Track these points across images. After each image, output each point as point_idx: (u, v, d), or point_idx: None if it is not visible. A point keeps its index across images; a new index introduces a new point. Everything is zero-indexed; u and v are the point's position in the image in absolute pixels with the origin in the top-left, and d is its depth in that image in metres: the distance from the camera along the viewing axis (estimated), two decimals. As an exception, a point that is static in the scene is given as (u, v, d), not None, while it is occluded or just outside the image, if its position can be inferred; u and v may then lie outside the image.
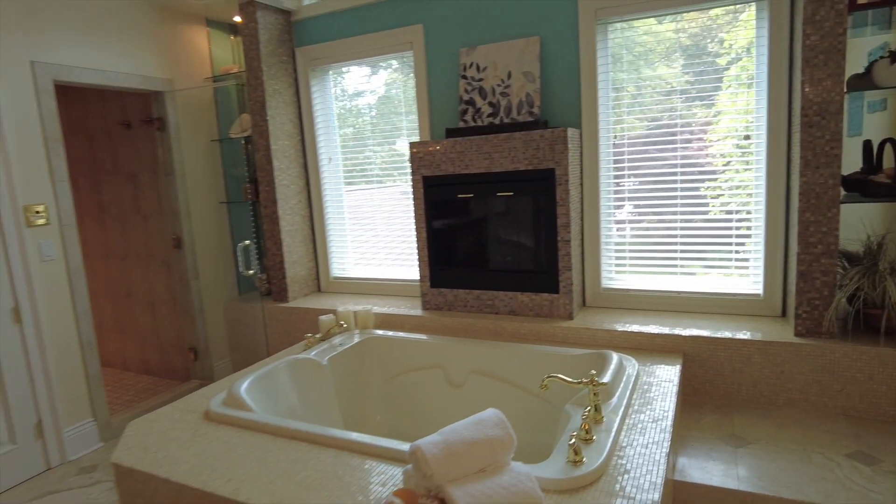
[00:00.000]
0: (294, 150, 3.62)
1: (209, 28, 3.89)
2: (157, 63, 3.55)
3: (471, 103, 2.96)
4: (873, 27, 2.43)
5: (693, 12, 2.60)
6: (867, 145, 2.36)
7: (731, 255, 2.69)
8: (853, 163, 2.45)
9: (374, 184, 3.53)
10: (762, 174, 2.57)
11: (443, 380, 2.80)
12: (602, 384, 1.90)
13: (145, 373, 4.23)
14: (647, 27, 2.69)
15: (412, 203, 3.41)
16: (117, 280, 4.21)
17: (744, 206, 2.65)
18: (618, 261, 2.91)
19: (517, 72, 2.84)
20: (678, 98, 2.67)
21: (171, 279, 3.86)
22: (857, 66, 2.39)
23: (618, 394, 2.07)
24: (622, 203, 2.86)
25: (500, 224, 2.88)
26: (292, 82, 3.57)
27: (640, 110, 2.74)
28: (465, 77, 2.98)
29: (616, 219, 2.89)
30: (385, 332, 2.99)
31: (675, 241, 2.77)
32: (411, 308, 3.14)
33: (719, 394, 2.48)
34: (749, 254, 2.67)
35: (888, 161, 2.40)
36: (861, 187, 2.32)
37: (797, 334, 2.40)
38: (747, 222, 2.65)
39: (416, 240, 3.12)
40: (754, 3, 2.50)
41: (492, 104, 2.91)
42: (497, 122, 2.89)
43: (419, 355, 2.86)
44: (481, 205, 2.90)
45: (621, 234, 2.89)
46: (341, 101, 3.58)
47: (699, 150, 2.68)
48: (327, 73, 3.57)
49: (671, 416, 1.95)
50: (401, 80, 3.34)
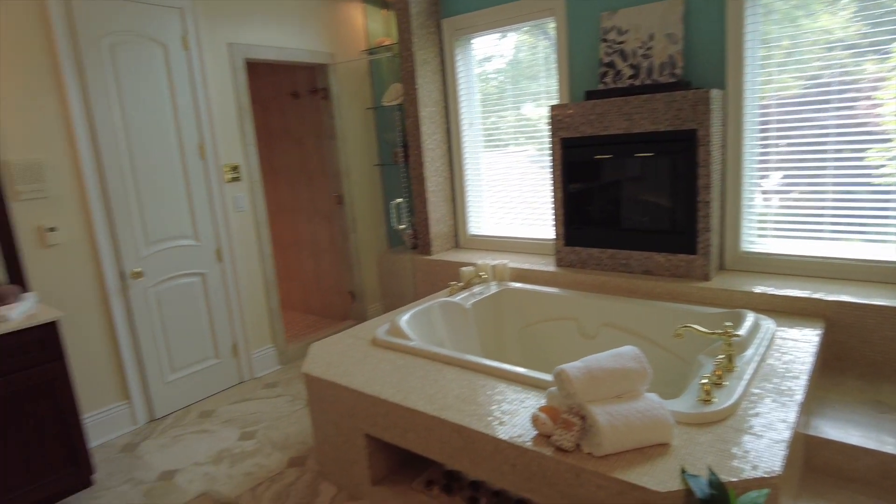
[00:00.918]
0: (439, 116, 3.91)
1: (364, 4, 4.26)
2: (321, 39, 4.00)
3: (611, 66, 3.04)
4: None
5: (861, -38, 2.46)
6: None
7: (891, 224, 2.56)
8: None
9: (509, 147, 3.74)
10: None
11: (575, 330, 3.00)
12: (736, 335, 2.00)
13: (308, 312, 4.88)
14: (807, -20, 2.58)
15: (543, 165, 3.58)
16: (287, 232, 4.85)
17: (908, 168, 2.49)
18: (760, 224, 2.88)
19: (660, 34, 2.87)
20: (843, 51, 2.53)
21: (333, 231, 4.40)
22: None
23: (752, 349, 2.14)
24: (767, 168, 2.81)
25: (636, 185, 2.97)
26: (438, 52, 3.85)
27: (795, 68, 2.66)
28: (605, 41, 3.05)
29: (762, 189, 2.85)
30: (520, 285, 3.24)
31: (824, 207, 2.68)
32: (544, 265, 3.35)
33: (866, 362, 2.43)
34: (911, 219, 2.52)
35: None
36: None
37: (961, 303, 2.28)
38: (911, 185, 2.49)
39: (550, 200, 3.30)
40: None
41: (633, 66, 2.97)
42: (637, 83, 2.96)
43: (553, 307, 3.08)
44: (618, 166, 3.00)
45: (767, 202, 2.85)
46: (480, 68, 3.80)
47: (868, 111, 2.54)
48: (469, 42, 3.80)
49: (807, 372, 2.00)
50: (536, 46, 3.47)
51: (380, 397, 2.08)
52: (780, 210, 2.82)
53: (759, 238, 2.90)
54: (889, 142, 2.51)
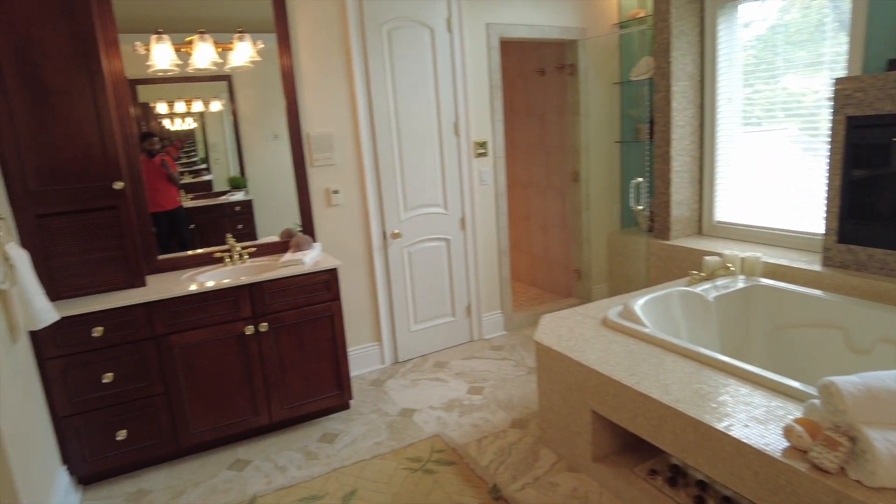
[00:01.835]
0: (692, 91, 3.64)
1: (621, -26, 4.12)
2: (573, 15, 3.98)
3: (932, 30, 2.49)
4: None
5: None
6: None
7: None
8: None
9: (766, 124, 3.31)
10: None
11: (841, 342, 2.60)
12: None
13: (533, 285, 5.03)
14: None
15: (810, 147, 3.10)
16: (519, 205, 5.04)
17: None
18: None
19: None
20: None
21: (565, 208, 4.44)
22: None
23: None
24: None
25: (952, 176, 2.41)
26: (698, 22, 3.55)
27: None
28: (928, -2, 2.50)
29: None
30: (774, 283, 2.90)
31: None
32: (806, 262, 2.94)
33: None
34: None
35: None
36: None
37: None
38: None
39: (821, 188, 2.86)
40: None
41: (966, 29, 2.39)
42: (971, 51, 2.37)
43: (814, 312, 2.71)
44: (928, 152, 2.47)
45: None
46: (742, 37, 3.41)
47: None
48: (735, 9, 3.43)
49: None
50: (809, 6, 2.97)
51: (611, 377, 2.09)
52: None
53: None
54: None
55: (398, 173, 3.49)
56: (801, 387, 1.82)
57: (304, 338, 2.80)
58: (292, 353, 2.79)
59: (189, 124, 3.00)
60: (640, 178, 3.83)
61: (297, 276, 2.74)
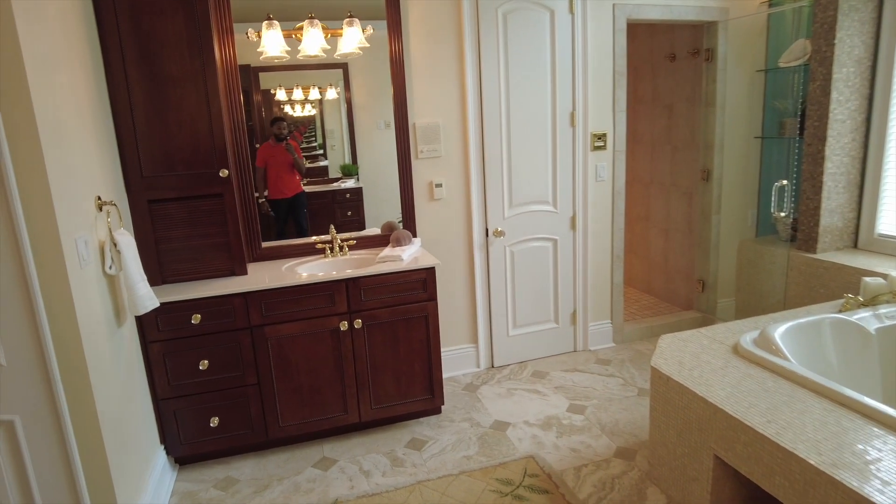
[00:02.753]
0: (859, 79, 3.07)
1: (776, -56, 3.56)
2: (714, -9, 3.51)
3: None
4: None
5: None
6: None
7: None
8: None
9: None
10: None
11: None
12: None
13: (647, 292, 4.60)
14: None
15: None
16: (638, 204, 4.62)
17: None
18: None
19: None
20: None
21: (692, 210, 3.98)
22: None
23: None
24: None
25: None
26: (875, -5, 2.97)
27: None
28: None
29: None
30: (962, 316, 2.35)
31: None
32: None
33: None
34: None
35: None
36: None
37: None
38: None
39: None
40: None
41: None
42: None
43: None
44: None
45: None
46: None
47: None
48: (935, -22, 2.81)
49: None
50: None
51: (743, 421, 1.75)
52: None
53: None
54: None
55: (505, 167, 3.26)
56: None
57: (397, 337, 2.68)
58: (384, 353, 2.68)
59: (308, 111, 3.01)
60: (783, 181, 3.31)
61: (394, 274, 2.61)
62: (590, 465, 2.43)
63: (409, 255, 2.75)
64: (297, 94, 2.96)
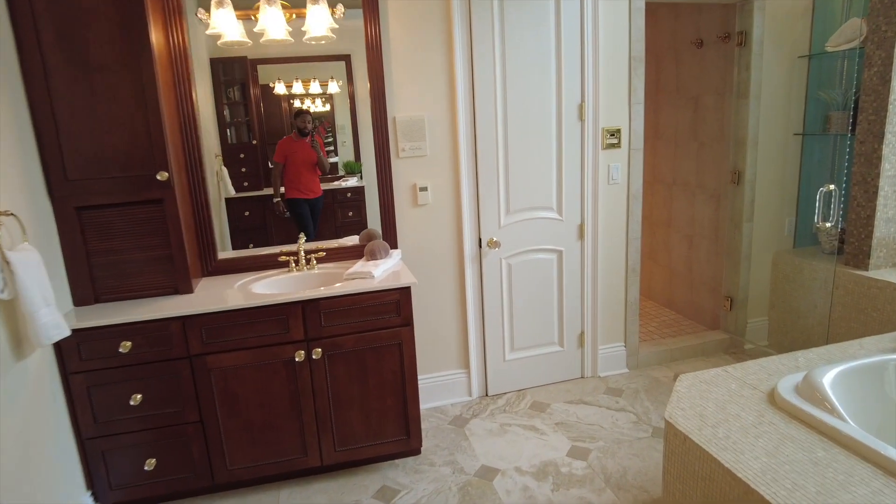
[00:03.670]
0: (925, 64, 2.58)
1: None
2: (750, -35, 3.03)
3: None
4: None
5: None
6: None
7: None
8: None
9: None
10: None
11: None
12: None
13: (668, 306, 4.14)
14: None
15: None
16: (659, 207, 4.15)
17: None
18: None
19: None
20: None
21: (720, 216, 3.51)
22: None
23: None
24: None
25: None
26: (948, -37, 2.48)
27: None
28: None
29: None
30: None
31: None
32: None
33: None
34: None
35: None
36: None
37: None
38: None
39: None
40: None
41: None
42: None
43: None
44: None
45: None
46: None
47: None
48: None
49: None
50: None
51: (785, 513, 1.32)
52: None
53: None
54: None
55: (501, 168, 2.84)
56: None
57: (365, 368, 2.29)
58: (350, 387, 2.29)
59: (319, 106, 2.72)
60: (831, 186, 2.83)
61: (361, 294, 2.22)
62: (590, 531, 2.01)
63: (382, 272, 2.36)
64: (297, 87, 2.65)
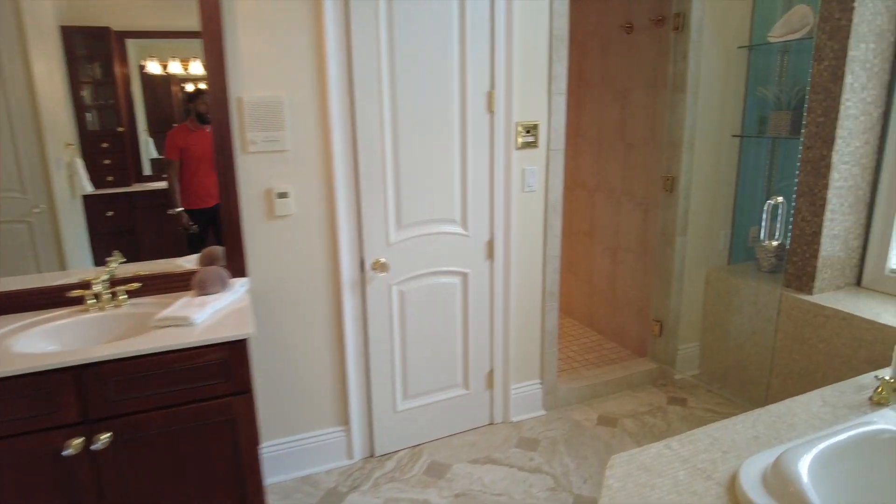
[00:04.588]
0: (880, 59, 2.24)
1: None
2: (688, -65, 2.57)
3: None
4: None
5: None
6: None
7: None
8: None
9: None
10: None
11: None
12: None
13: (589, 325, 3.70)
14: None
15: None
16: (579, 215, 3.69)
17: None
18: None
19: None
20: None
21: (649, 227, 3.07)
22: None
23: None
24: None
25: None
26: (909, -56, 2.11)
27: None
28: None
29: None
30: None
31: None
32: None
33: None
34: None
35: None
36: None
37: None
38: None
39: None
40: None
41: None
42: None
43: None
44: None
45: None
46: None
47: None
48: None
49: None
50: None
51: None
52: None
53: None
54: None
55: (389, 170, 2.22)
56: None
57: (181, 457, 1.62)
58: (159, 483, 1.61)
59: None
60: (779, 198, 2.43)
61: (170, 353, 1.54)
62: None
63: (209, 315, 1.69)
64: (175, 67, 1.97)
